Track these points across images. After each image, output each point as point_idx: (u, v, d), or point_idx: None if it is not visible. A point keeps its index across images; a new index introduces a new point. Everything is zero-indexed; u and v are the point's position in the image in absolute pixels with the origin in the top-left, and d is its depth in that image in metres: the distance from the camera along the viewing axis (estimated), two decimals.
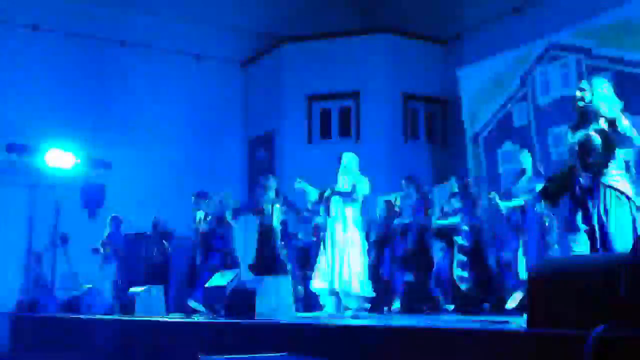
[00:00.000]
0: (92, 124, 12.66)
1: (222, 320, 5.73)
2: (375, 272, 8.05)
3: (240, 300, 5.61)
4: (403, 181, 8.48)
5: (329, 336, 4.33)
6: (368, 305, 6.95)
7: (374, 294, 6.83)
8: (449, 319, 5.94)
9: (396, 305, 8.08)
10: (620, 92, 8.41)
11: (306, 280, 7.98)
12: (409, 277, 7.91)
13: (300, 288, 8.49)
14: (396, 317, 6.78)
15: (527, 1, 11.46)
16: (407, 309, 7.81)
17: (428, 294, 7.78)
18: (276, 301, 5.44)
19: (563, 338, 2.81)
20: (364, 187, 6.80)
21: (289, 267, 8.17)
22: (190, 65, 14.07)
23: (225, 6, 13.69)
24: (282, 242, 8.12)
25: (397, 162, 12.72)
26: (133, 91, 13.30)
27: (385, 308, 8.15)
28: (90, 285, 9.62)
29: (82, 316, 7.99)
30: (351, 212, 6.74)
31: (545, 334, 2.94)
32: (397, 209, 8.71)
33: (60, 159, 11.83)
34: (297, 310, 7.22)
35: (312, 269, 7.17)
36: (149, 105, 13.32)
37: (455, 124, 12.63)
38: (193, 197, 8.74)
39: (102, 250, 10.61)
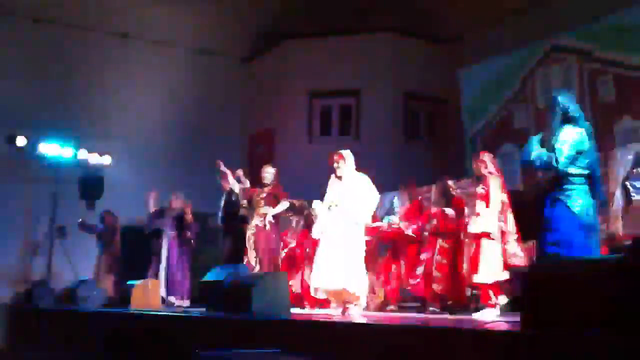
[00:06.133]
0: (91, 116, 12.66)
1: (219, 315, 5.74)
2: None
3: (237, 295, 5.62)
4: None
5: (324, 333, 4.34)
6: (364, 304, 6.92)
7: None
8: (441, 318, 5.97)
9: None
10: (620, 95, 8.44)
11: None
12: None
13: None
14: (391, 316, 6.79)
15: (529, 3, 11.46)
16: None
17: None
18: (273, 297, 5.43)
19: (557, 339, 2.82)
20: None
21: None
22: (192, 60, 14.06)
23: (228, 1, 13.68)
24: None
25: (396, 161, 12.72)
26: (134, 84, 13.28)
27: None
28: (87, 277, 9.63)
29: (79, 309, 7.99)
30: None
31: (539, 334, 2.95)
32: (395, 209, 8.75)
33: (58, 150, 11.85)
34: None
35: None
36: (149, 98, 13.30)
37: (456, 124, 12.63)
38: None
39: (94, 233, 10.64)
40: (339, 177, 6.51)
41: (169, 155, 13.11)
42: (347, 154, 6.54)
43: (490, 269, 6.00)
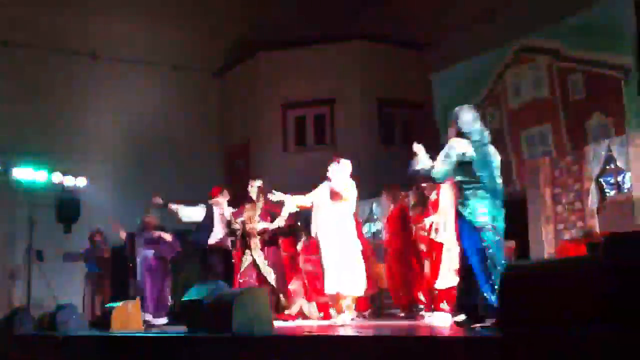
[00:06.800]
0: (65, 138, 12.54)
1: (200, 334, 5.68)
2: None
3: (218, 313, 5.56)
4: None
5: (307, 347, 4.31)
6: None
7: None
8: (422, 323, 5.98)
9: None
10: (590, 92, 8.52)
11: None
12: None
13: None
14: (374, 325, 6.78)
15: (498, 5, 11.56)
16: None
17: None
18: (254, 313, 5.38)
19: (535, 339, 2.83)
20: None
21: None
22: (165, 75, 13.99)
23: (200, 15, 13.65)
24: None
25: (373, 167, 12.73)
26: (107, 103, 13.20)
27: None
28: (65, 302, 9.49)
29: (59, 334, 7.87)
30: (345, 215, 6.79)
31: (517, 335, 2.96)
32: (374, 216, 8.79)
33: (33, 175, 11.72)
34: None
35: None
36: (123, 116, 13.22)
37: (431, 128, 12.68)
38: None
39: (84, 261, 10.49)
40: (329, 179, 6.74)
41: (145, 173, 13.01)
42: (345, 163, 6.84)
43: (443, 274, 6.04)
